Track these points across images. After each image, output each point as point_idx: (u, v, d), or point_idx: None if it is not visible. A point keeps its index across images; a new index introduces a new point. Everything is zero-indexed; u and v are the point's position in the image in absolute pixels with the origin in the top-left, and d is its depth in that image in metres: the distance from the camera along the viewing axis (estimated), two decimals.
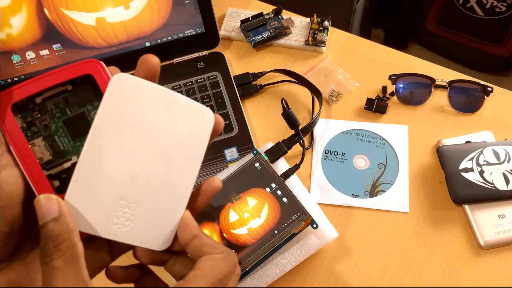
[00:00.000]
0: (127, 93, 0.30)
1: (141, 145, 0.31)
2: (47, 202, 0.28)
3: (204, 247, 0.31)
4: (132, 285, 0.35)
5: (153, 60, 0.30)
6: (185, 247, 0.32)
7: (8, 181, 0.28)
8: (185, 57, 0.72)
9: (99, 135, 0.30)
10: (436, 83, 0.67)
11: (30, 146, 0.31)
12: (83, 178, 0.30)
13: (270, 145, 0.61)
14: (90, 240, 0.31)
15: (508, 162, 0.58)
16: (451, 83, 0.67)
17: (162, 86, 0.31)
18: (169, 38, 0.70)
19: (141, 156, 0.31)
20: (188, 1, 0.68)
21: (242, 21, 0.75)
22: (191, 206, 0.33)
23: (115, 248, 0.34)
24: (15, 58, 0.66)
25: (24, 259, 0.30)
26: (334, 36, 0.75)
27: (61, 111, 0.32)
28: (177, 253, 0.34)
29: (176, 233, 0.32)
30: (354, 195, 0.60)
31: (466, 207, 0.57)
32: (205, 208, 0.55)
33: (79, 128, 0.31)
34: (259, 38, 0.73)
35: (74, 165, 0.32)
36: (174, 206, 0.32)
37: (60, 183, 0.32)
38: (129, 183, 0.31)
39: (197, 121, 0.32)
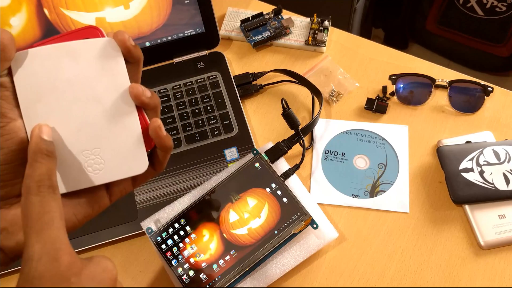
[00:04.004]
0: (29, 66, 0.33)
1: (69, 101, 0.34)
2: None
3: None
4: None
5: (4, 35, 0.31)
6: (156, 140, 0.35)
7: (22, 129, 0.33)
8: (185, 57, 0.72)
9: (31, 113, 0.33)
10: (436, 83, 0.67)
11: None
12: None
13: (270, 145, 0.60)
14: (85, 191, 0.35)
15: (508, 162, 0.58)
16: (451, 83, 0.67)
17: (54, 44, 0.34)
18: (169, 38, 0.70)
19: (75, 110, 0.34)
20: (188, 1, 0.68)
21: (242, 21, 0.75)
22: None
23: (112, 191, 0.37)
24: None
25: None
26: (334, 36, 0.75)
27: None
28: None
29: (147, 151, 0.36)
30: (354, 195, 0.60)
31: (466, 207, 0.57)
32: (205, 208, 0.55)
33: None
34: (259, 38, 0.73)
35: None
36: (130, 128, 0.35)
37: None
38: (79, 135, 0.34)
39: (102, 53, 0.34)
